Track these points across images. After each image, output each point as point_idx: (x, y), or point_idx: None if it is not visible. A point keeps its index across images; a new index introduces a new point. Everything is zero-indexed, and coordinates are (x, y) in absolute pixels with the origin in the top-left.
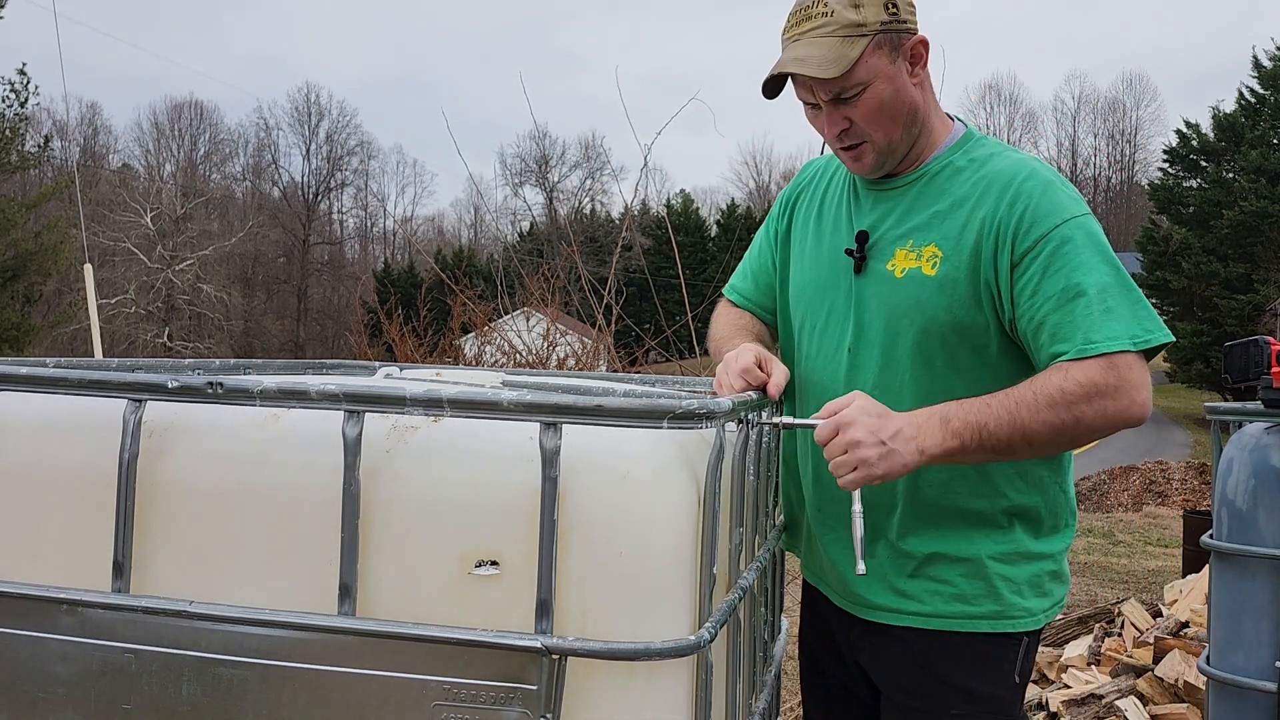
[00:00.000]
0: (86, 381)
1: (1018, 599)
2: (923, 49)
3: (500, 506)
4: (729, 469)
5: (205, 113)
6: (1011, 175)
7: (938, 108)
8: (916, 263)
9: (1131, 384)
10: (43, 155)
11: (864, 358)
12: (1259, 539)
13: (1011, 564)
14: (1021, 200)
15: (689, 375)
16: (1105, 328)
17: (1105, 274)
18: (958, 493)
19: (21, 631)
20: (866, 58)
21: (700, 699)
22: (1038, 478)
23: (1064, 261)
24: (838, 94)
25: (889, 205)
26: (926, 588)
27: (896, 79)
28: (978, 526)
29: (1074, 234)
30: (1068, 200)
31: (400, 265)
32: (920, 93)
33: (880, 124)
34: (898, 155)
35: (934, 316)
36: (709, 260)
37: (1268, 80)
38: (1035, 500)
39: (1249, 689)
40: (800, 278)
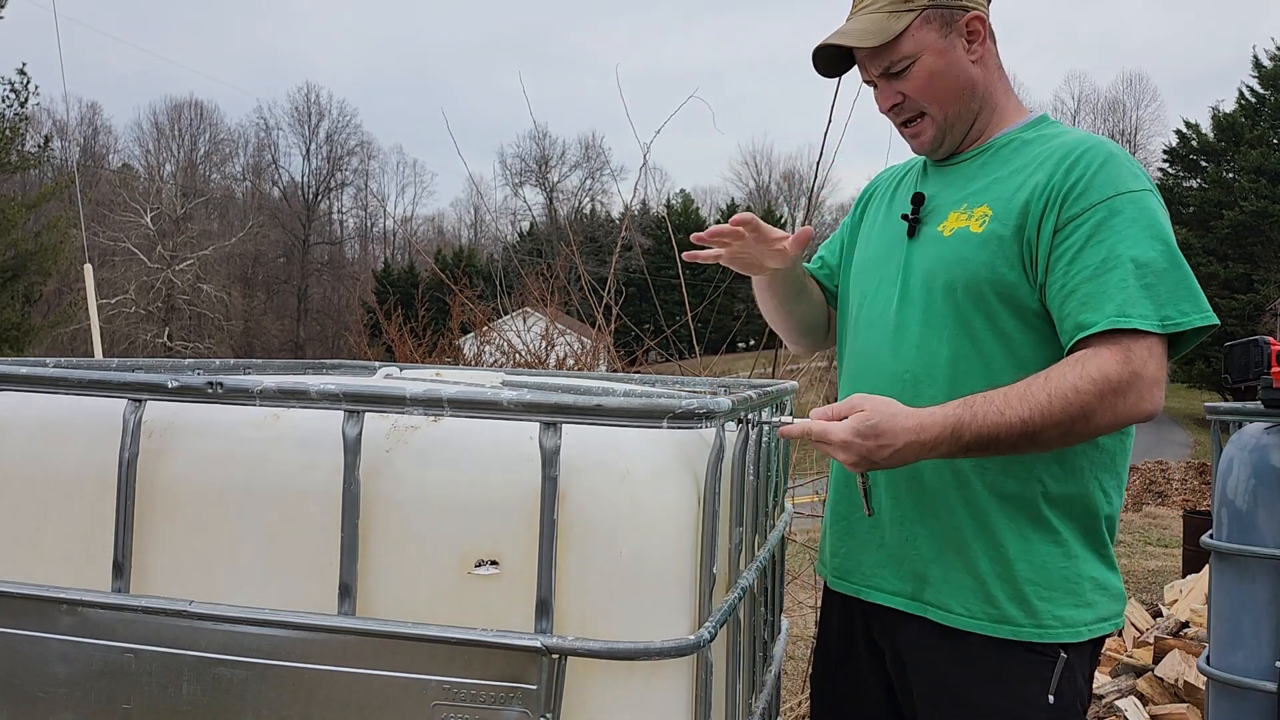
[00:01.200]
0: (86, 381)
1: (1048, 606)
2: (979, 25)
3: (500, 506)
4: (729, 469)
5: (205, 113)
6: (1075, 145)
7: (1009, 93)
8: (966, 222)
9: (1146, 379)
10: (43, 155)
11: (906, 318)
12: (1259, 539)
13: (1042, 565)
14: (1079, 167)
15: (689, 375)
16: (1139, 304)
17: (1152, 249)
18: (985, 470)
19: (21, 631)
20: (913, 31)
21: (700, 699)
22: (1077, 466)
23: (1109, 233)
24: (886, 68)
25: (952, 175)
26: (951, 579)
27: (948, 53)
28: (1006, 516)
29: (1125, 207)
30: (1128, 175)
31: (400, 265)
32: (981, 70)
33: (933, 97)
34: (957, 133)
35: (975, 273)
36: None
37: (1268, 80)
38: (1072, 491)
39: (1249, 689)
40: (861, 255)
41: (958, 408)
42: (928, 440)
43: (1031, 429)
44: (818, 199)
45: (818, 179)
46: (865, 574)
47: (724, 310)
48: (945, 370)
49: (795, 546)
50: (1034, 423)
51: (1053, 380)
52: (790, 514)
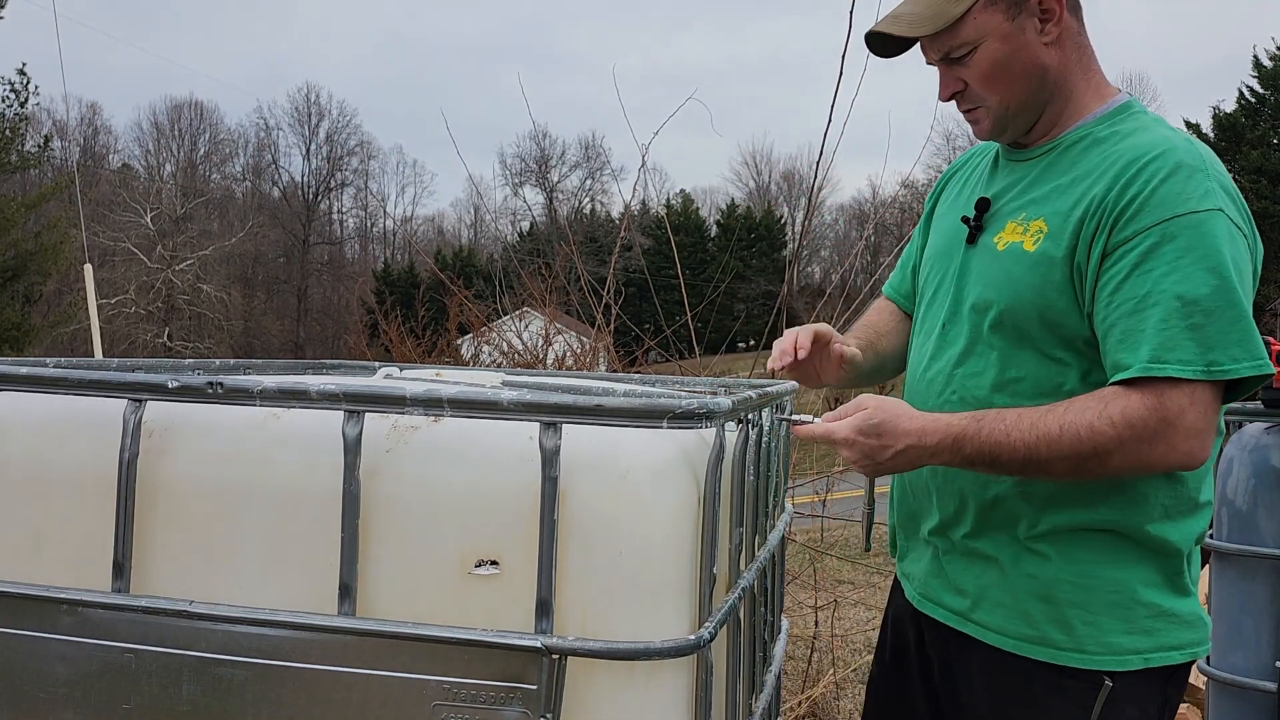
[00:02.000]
0: (86, 381)
1: (1092, 631)
2: (1054, 3)
3: (500, 506)
4: (729, 469)
5: (205, 113)
6: (1142, 152)
7: (1090, 74)
8: (1021, 237)
9: (1179, 429)
10: (43, 155)
11: (953, 336)
12: (1259, 539)
13: (1086, 586)
14: (1139, 183)
15: (689, 375)
16: (1181, 347)
17: (1203, 284)
18: (1034, 495)
19: (21, 631)
20: (975, 14)
21: (700, 699)
22: (1139, 494)
23: (1157, 262)
24: (946, 53)
25: (1018, 175)
26: (991, 597)
27: (1016, 38)
28: (1053, 539)
29: (1181, 233)
30: (1197, 191)
31: (400, 265)
32: (1056, 53)
33: (996, 87)
34: (1021, 121)
35: (1021, 295)
36: (709, 260)
37: (1268, 80)
38: (1134, 519)
39: (1249, 689)
40: (930, 248)
41: (965, 419)
42: (929, 445)
43: (1036, 458)
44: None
45: (817, 179)
46: (920, 581)
47: (724, 310)
48: (987, 396)
49: (795, 546)
50: (1039, 453)
51: (1071, 413)
52: (790, 514)
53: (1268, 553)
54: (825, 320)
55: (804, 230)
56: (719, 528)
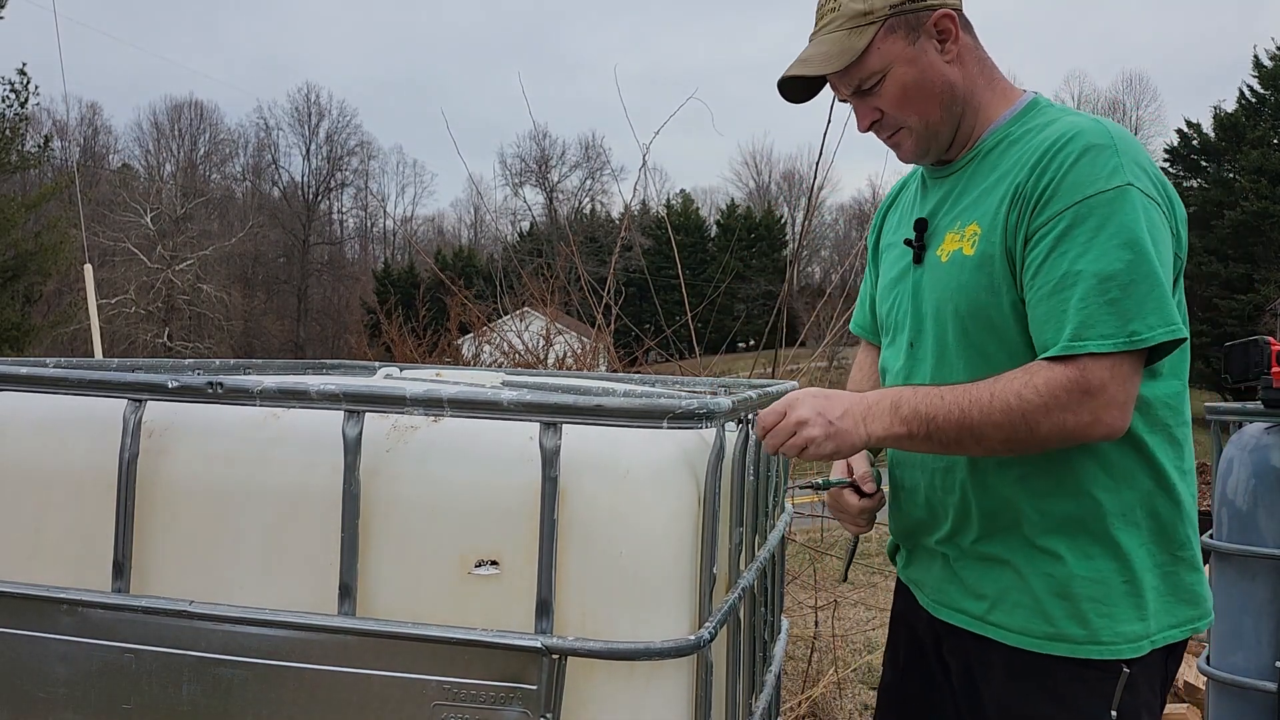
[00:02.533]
0: (86, 381)
1: (1108, 622)
2: (949, 23)
3: (500, 506)
4: (729, 469)
5: (205, 113)
6: (1054, 140)
7: (993, 82)
8: (960, 244)
9: (1100, 396)
10: (43, 155)
11: (922, 351)
12: (1259, 539)
13: (1101, 580)
14: (1051, 169)
15: (689, 375)
16: (1101, 322)
17: (1117, 260)
18: (1034, 491)
19: (21, 631)
20: (877, 45)
21: (700, 699)
22: (1128, 473)
23: (1071, 244)
24: (858, 86)
25: (946, 189)
26: (1009, 599)
27: (920, 60)
28: (1061, 533)
29: (1092, 213)
30: (1105, 170)
31: (400, 265)
32: (959, 69)
33: (911, 108)
34: (942, 138)
35: (976, 299)
36: (709, 260)
37: (1268, 80)
38: (1129, 499)
39: (1249, 689)
40: (883, 280)
41: (906, 387)
42: (870, 402)
43: (969, 421)
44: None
45: (817, 179)
46: (934, 588)
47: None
48: None
49: (795, 546)
50: (971, 415)
51: (1000, 383)
52: (790, 514)
53: (1268, 553)
54: (826, 320)
55: (804, 230)
56: (719, 528)
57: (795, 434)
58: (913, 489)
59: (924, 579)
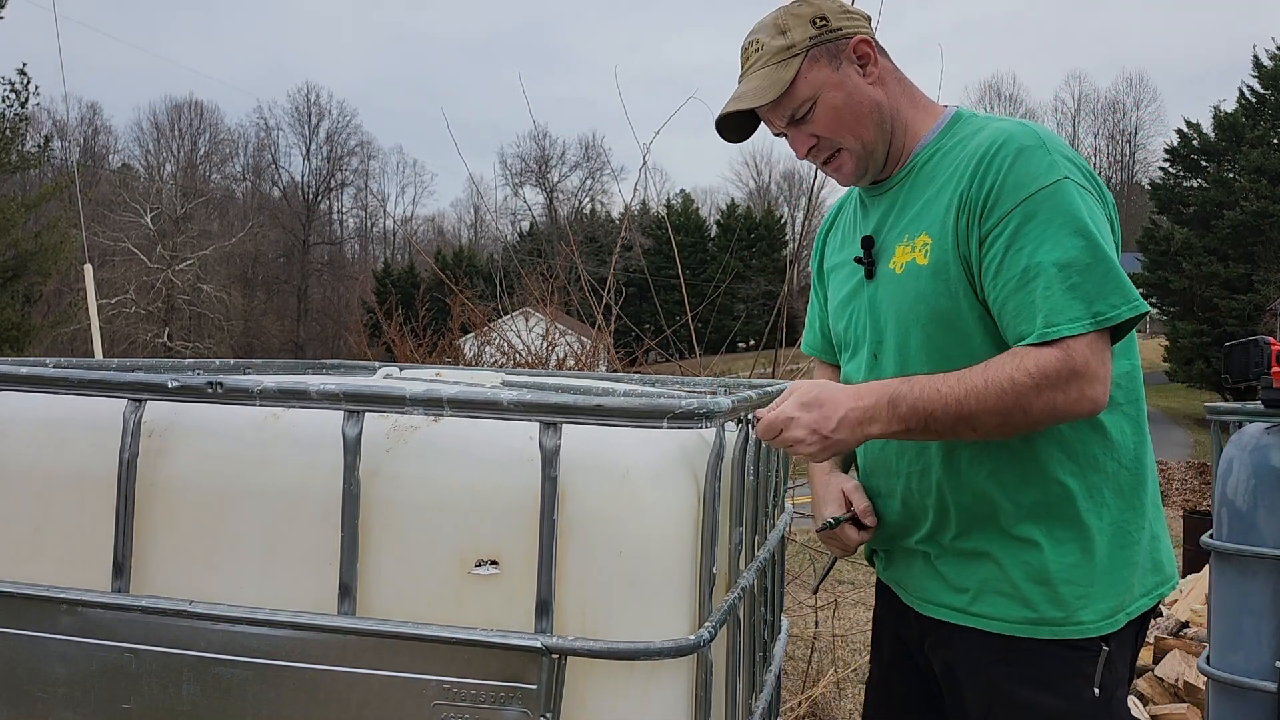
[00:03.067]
0: (86, 381)
1: (1085, 603)
2: (866, 47)
3: (500, 506)
4: (729, 469)
5: (205, 113)
6: (987, 147)
7: (916, 100)
8: (912, 254)
9: (1085, 374)
10: (43, 155)
11: (884, 362)
12: (1259, 539)
13: (1076, 563)
14: (991, 173)
15: (689, 375)
16: (1068, 308)
17: (1071, 248)
18: (1005, 483)
19: (21, 631)
20: (805, 74)
21: (700, 699)
22: (1090, 456)
23: (1025, 240)
24: (792, 115)
25: (886, 205)
26: (990, 588)
27: (845, 83)
28: (1034, 520)
29: (1038, 208)
30: (1041, 168)
31: (400, 265)
32: (882, 90)
33: (844, 129)
34: (878, 156)
35: (935, 305)
36: (709, 260)
37: (1268, 80)
38: (1094, 481)
39: (1249, 689)
40: (834, 300)
41: (896, 382)
42: (866, 406)
43: (966, 410)
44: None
45: (817, 179)
46: (916, 585)
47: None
48: None
49: (795, 546)
50: (968, 404)
51: (991, 369)
52: (790, 514)
53: (1268, 553)
54: None
55: (804, 230)
56: (719, 528)
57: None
58: (889, 494)
59: (905, 578)
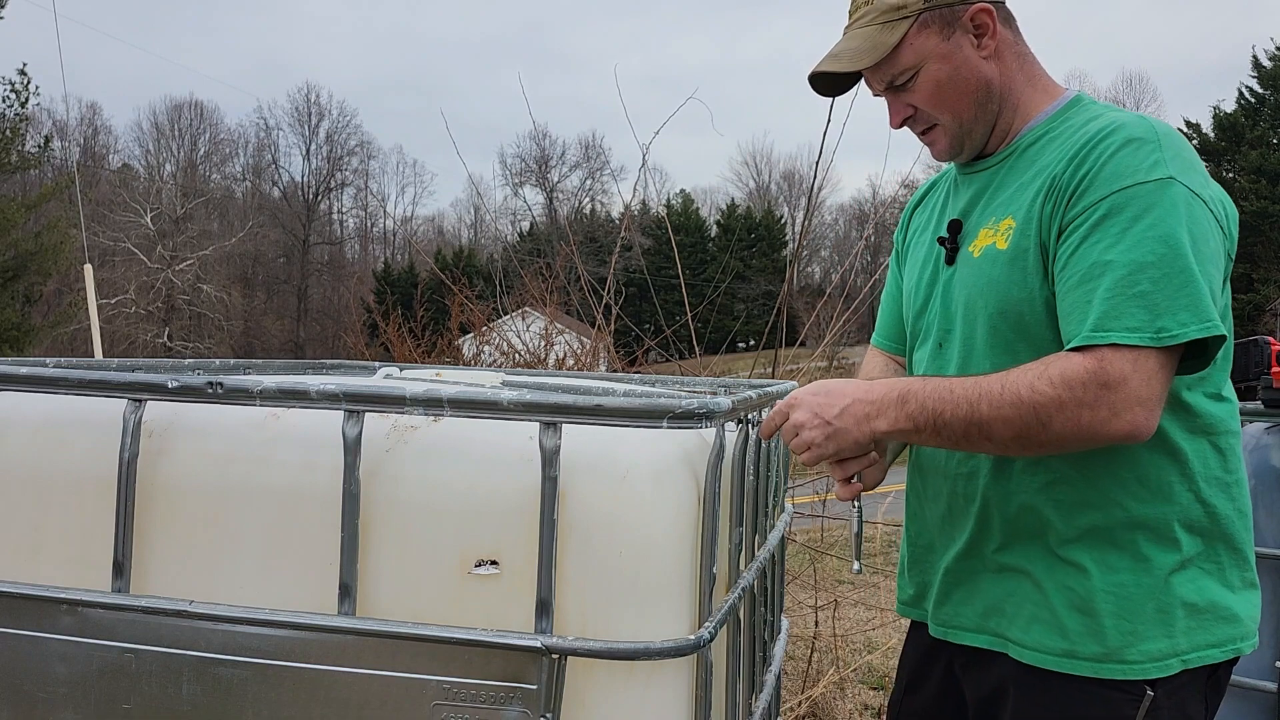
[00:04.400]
0: (86, 381)
1: (1131, 640)
2: (986, 17)
3: (500, 506)
4: (729, 468)
5: (205, 113)
6: (1095, 133)
7: (1034, 79)
8: (993, 238)
9: (1121, 394)
10: (43, 155)
11: (949, 352)
12: (1259, 539)
13: (1126, 595)
14: (1091, 159)
15: (689, 375)
16: (1129, 314)
17: (1150, 252)
18: (1060, 500)
19: (21, 631)
20: (911, 40)
21: (700, 699)
22: (1163, 484)
23: (1104, 233)
24: (890, 82)
25: (980, 185)
26: (1026, 612)
27: (954, 56)
28: (1086, 544)
29: (1130, 202)
30: (1146, 162)
31: (400, 265)
32: (997, 65)
33: (944, 105)
34: (975, 136)
35: (1007, 294)
36: (709, 260)
37: (1268, 80)
38: (1163, 512)
39: (1249, 689)
40: (909, 281)
41: (916, 379)
42: (874, 399)
43: (978, 415)
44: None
45: (817, 179)
46: (951, 611)
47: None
48: None
49: (795, 546)
50: (981, 410)
51: (1013, 375)
52: (790, 514)
53: (1268, 553)
54: (825, 320)
55: (804, 230)
56: (719, 528)
57: (797, 435)
58: (935, 496)
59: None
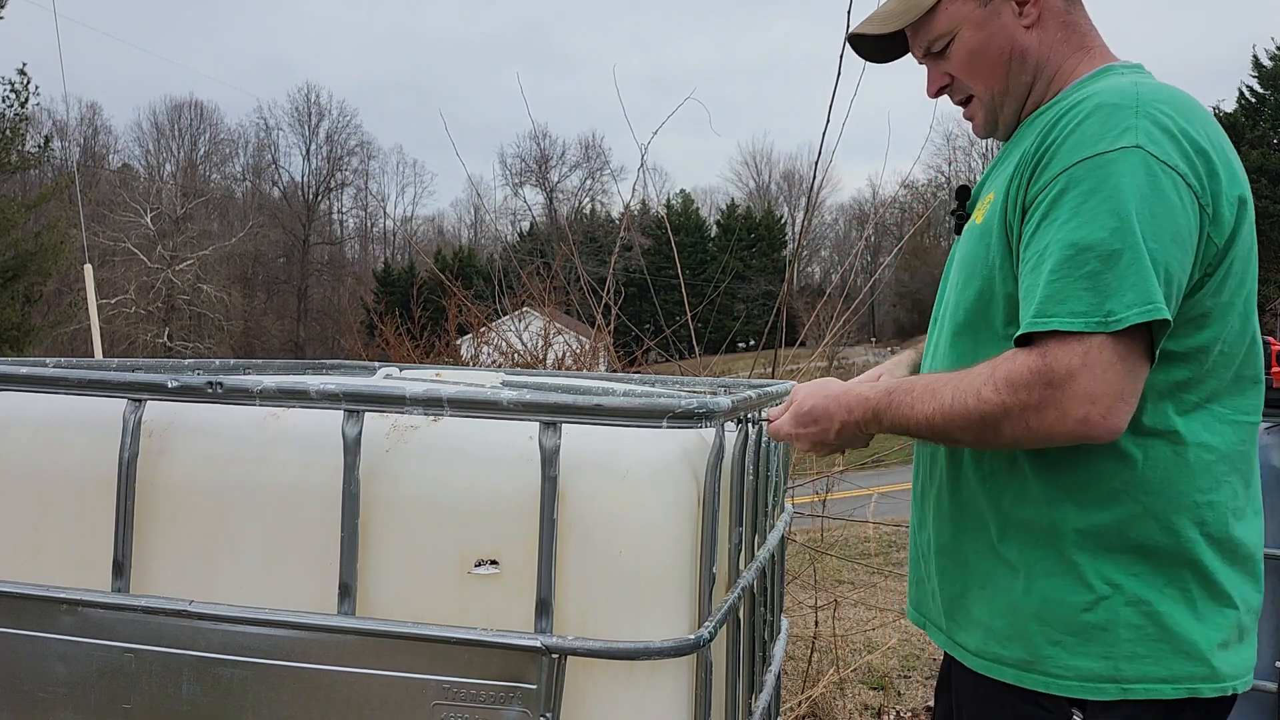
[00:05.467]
0: (86, 381)
1: (1057, 652)
2: None
3: (500, 506)
4: (729, 469)
5: (205, 113)
6: (1071, 103)
7: (1080, 48)
8: (980, 213)
9: (1070, 392)
10: (43, 155)
11: (936, 332)
12: None
13: (1053, 600)
14: (1056, 131)
15: (689, 375)
16: (1073, 298)
17: (1101, 228)
18: (998, 492)
19: (21, 631)
20: (946, 5)
21: (700, 698)
22: (1107, 490)
23: (1059, 211)
24: (927, 47)
25: (995, 159)
26: (970, 615)
27: (990, 23)
28: (1018, 542)
29: (1086, 176)
30: (1111, 130)
31: (400, 265)
32: (1037, 34)
33: (976, 75)
34: (1008, 111)
35: (975, 272)
36: (709, 260)
37: (1268, 80)
38: (1103, 520)
39: (1249, 689)
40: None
41: (880, 393)
42: (857, 419)
43: (937, 429)
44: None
45: (817, 179)
46: (927, 608)
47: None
48: None
49: (795, 546)
50: (937, 423)
51: (964, 381)
52: (790, 514)
53: (1268, 552)
54: (825, 320)
55: (804, 230)
56: (718, 527)
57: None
58: (914, 474)
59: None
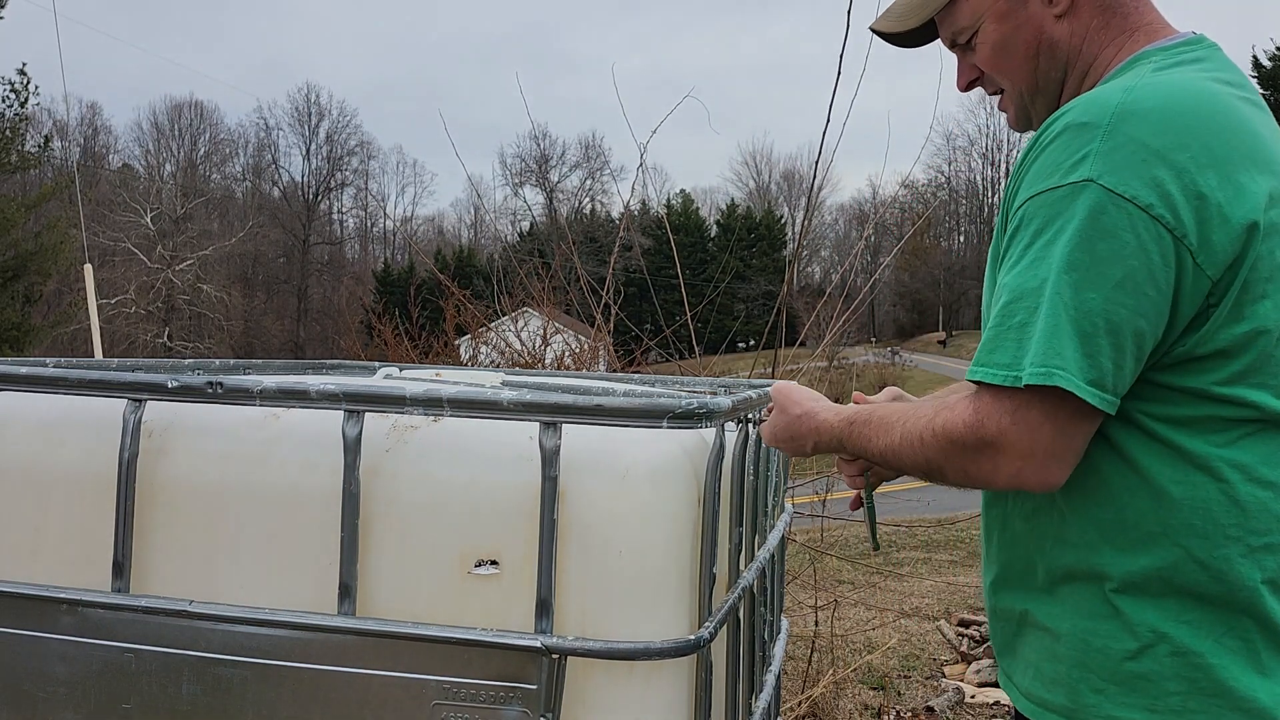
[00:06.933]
0: (86, 381)
1: (1099, 700)
2: None
3: (500, 506)
4: (729, 469)
5: (205, 113)
6: (1061, 111)
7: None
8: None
9: (1001, 447)
10: (43, 155)
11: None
12: None
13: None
14: (1033, 151)
15: (689, 375)
16: (1002, 349)
17: (1036, 276)
18: (1040, 532)
19: (21, 631)
20: None
21: (700, 698)
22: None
23: (1014, 250)
24: (952, 40)
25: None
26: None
27: (1016, 14)
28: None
29: (1037, 212)
30: (1066, 160)
31: (400, 265)
32: (1069, 24)
33: (1002, 69)
34: (1040, 106)
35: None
36: (709, 260)
37: (1268, 80)
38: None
39: None
40: None
41: (843, 423)
42: (825, 442)
43: (892, 464)
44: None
45: (817, 179)
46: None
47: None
48: None
49: (795, 546)
50: (889, 459)
51: (911, 422)
52: (790, 514)
53: None
54: (825, 320)
55: (804, 230)
56: (719, 528)
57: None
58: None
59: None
